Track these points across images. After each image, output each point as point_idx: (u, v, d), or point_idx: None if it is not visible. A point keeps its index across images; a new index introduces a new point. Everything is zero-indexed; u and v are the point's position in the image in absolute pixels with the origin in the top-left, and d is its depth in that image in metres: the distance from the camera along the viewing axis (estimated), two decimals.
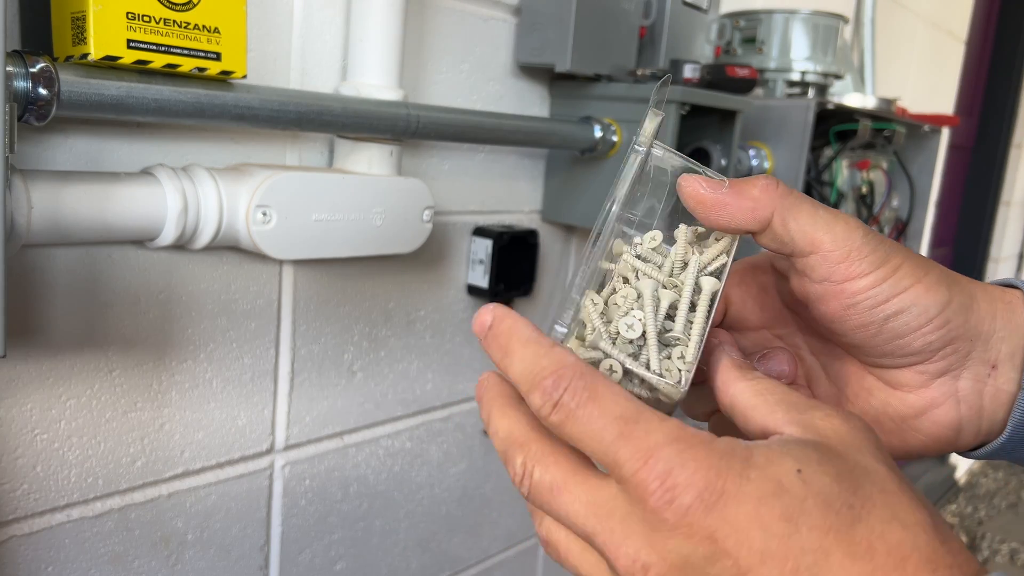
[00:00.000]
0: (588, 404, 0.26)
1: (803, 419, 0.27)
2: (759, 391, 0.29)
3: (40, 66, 0.46)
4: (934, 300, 0.31)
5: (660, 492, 0.24)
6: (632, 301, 0.31)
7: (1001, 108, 2.68)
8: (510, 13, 0.84)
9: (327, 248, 0.63)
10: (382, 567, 0.88)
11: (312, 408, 0.76)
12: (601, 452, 0.26)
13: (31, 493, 0.58)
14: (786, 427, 0.27)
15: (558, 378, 0.26)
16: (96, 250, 0.58)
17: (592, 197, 0.88)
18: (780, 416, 0.27)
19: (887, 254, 0.31)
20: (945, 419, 0.33)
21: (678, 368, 0.31)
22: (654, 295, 0.31)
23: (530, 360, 0.28)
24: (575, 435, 0.26)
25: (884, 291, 0.31)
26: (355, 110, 0.63)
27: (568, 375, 0.27)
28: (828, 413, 0.27)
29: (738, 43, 1.11)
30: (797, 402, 0.28)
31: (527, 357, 0.28)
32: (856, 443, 0.26)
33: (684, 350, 0.31)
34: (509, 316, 0.29)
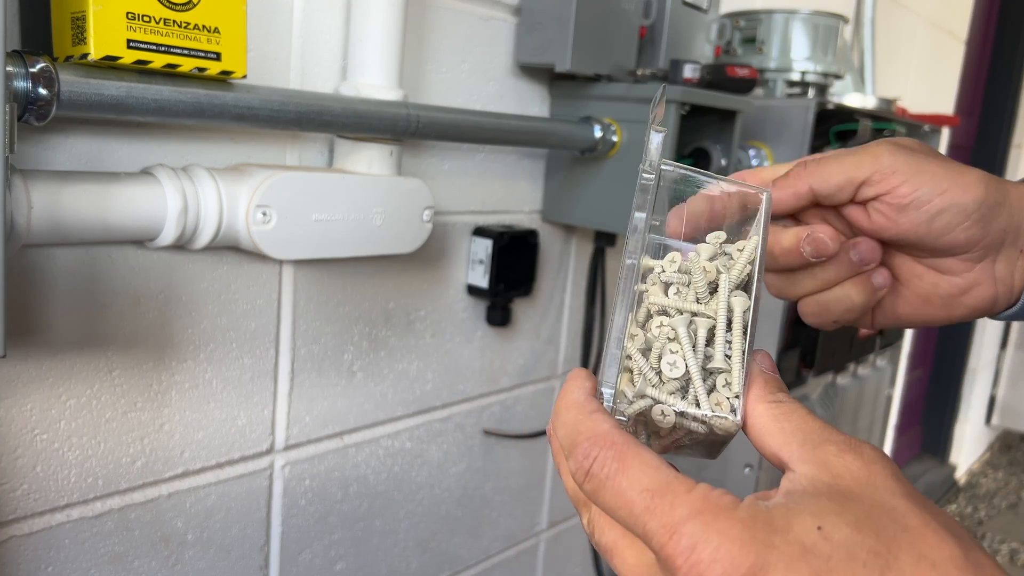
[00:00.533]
0: (616, 476, 0.27)
1: (816, 456, 0.27)
2: (777, 416, 0.29)
3: (40, 66, 0.46)
4: (970, 199, 0.37)
5: (687, 568, 0.24)
6: (667, 334, 0.32)
7: (1001, 108, 2.68)
8: (510, 13, 0.84)
9: (327, 248, 0.63)
10: (382, 567, 0.88)
11: (312, 408, 0.76)
12: (631, 524, 0.27)
13: (31, 493, 0.58)
14: (799, 465, 0.27)
15: (590, 447, 0.28)
16: (96, 250, 0.58)
17: (592, 197, 0.88)
18: (794, 450, 0.28)
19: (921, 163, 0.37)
20: (985, 295, 0.40)
21: (727, 399, 0.31)
22: (689, 331, 0.32)
23: (570, 425, 0.29)
24: (606, 505, 0.27)
25: (924, 193, 0.36)
26: (355, 110, 0.63)
27: (599, 444, 0.28)
28: (841, 448, 0.27)
29: (738, 43, 1.11)
30: (811, 434, 0.28)
31: (568, 422, 0.30)
32: (871, 480, 0.26)
33: (728, 377, 0.31)
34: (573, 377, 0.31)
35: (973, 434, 3.08)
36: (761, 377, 0.31)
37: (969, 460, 3.12)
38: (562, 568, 1.16)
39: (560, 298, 1.01)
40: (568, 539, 1.15)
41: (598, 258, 0.99)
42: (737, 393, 0.31)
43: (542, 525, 1.10)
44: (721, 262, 0.33)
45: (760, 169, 0.39)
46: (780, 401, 0.30)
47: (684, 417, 0.31)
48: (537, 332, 0.99)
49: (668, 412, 0.31)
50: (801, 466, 0.27)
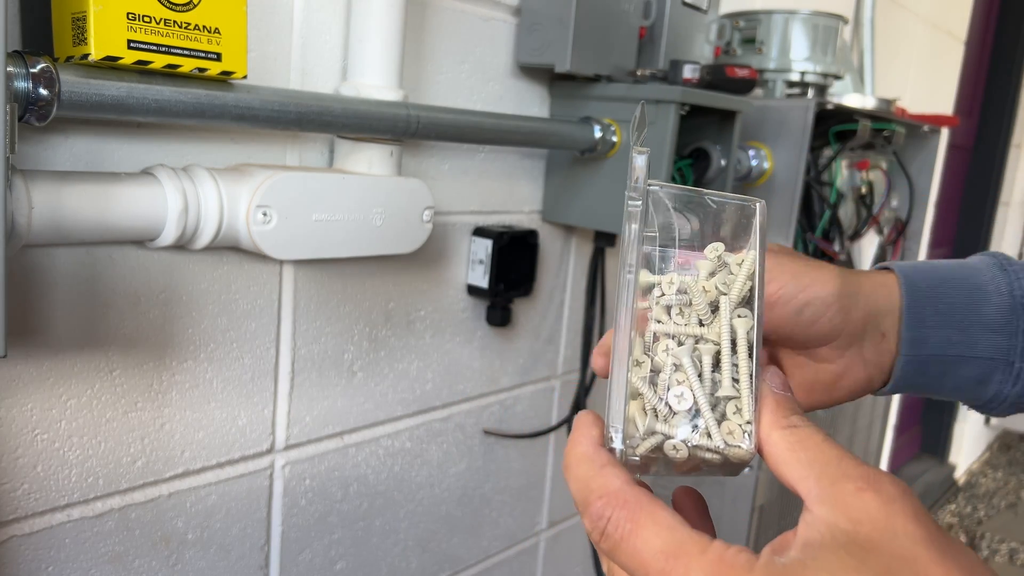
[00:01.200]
0: (630, 537, 0.27)
1: (835, 494, 0.26)
2: (792, 445, 0.29)
3: (41, 66, 0.47)
4: (829, 291, 0.39)
5: None
6: (673, 370, 0.31)
7: (1000, 108, 2.68)
8: (510, 13, 0.84)
9: (327, 248, 0.63)
10: (382, 567, 0.88)
11: (312, 408, 0.76)
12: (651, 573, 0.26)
13: (31, 493, 0.58)
14: (817, 505, 0.26)
15: (603, 506, 0.28)
16: (97, 250, 0.58)
17: (592, 197, 0.88)
18: (812, 486, 0.27)
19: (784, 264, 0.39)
20: (859, 378, 0.43)
21: (739, 426, 0.30)
22: (694, 359, 0.31)
23: (581, 481, 0.29)
24: (622, 564, 0.27)
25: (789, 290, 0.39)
26: (355, 110, 0.63)
27: (612, 504, 0.28)
28: (859, 486, 0.26)
29: (738, 43, 1.11)
30: (828, 467, 0.27)
31: (580, 477, 0.29)
32: (891, 525, 0.25)
33: (738, 403, 0.30)
34: (579, 424, 0.31)
35: (972, 434, 3.08)
36: (773, 399, 0.31)
37: (968, 460, 3.12)
38: (562, 568, 1.16)
39: (560, 298, 1.01)
40: (568, 539, 1.15)
41: (598, 258, 0.99)
42: (748, 420, 0.30)
43: (542, 525, 1.10)
44: (720, 278, 0.32)
45: None
46: (795, 426, 0.29)
47: (698, 449, 0.30)
48: (537, 332, 0.99)
49: (680, 447, 0.30)
50: (819, 507, 0.26)
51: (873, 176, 1.21)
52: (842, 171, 1.12)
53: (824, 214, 1.07)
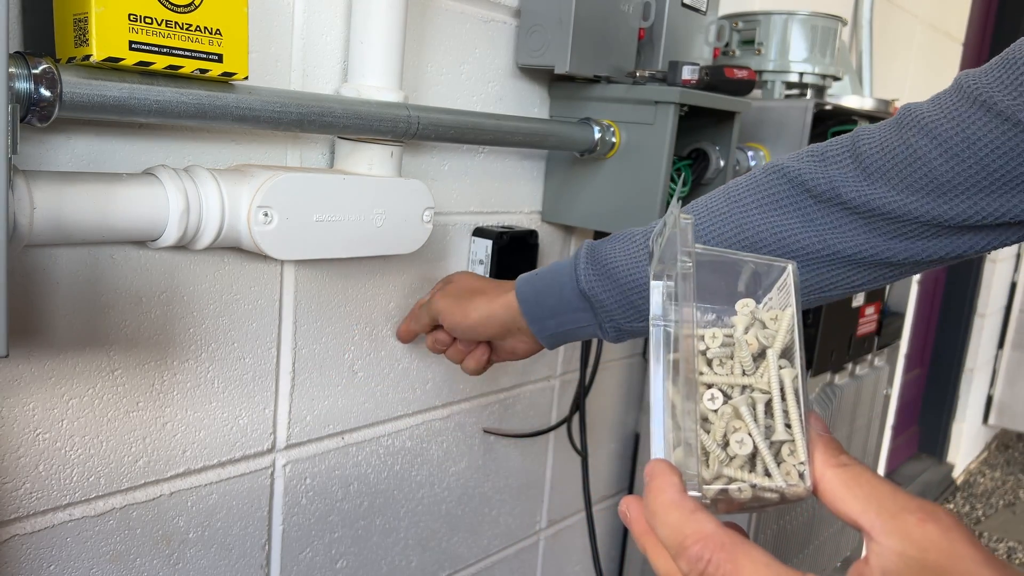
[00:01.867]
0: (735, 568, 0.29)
1: (898, 527, 0.29)
2: (847, 482, 0.31)
3: (42, 67, 0.47)
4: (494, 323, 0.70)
5: None
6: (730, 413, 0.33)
7: None
8: (510, 15, 0.84)
9: (328, 248, 0.63)
10: (383, 565, 0.88)
11: (313, 407, 0.76)
12: None
13: (33, 492, 0.58)
14: (884, 537, 0.29)
15: (701, 549, 0.30)
16: (98, 250, 0.58)
17: (591, 198, 0.89)
18: (874, 520, 0.29)
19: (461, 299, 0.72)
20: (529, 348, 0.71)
21: (794, 467, 0.33)
22: (750, 408, 0.33)
23: (675, 527, 0.31)
24: None
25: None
26: (356, 111, 0.63)
27: (711, 547, 0.30)
28: (920, 518, 0.29)
29: (736, 44, 1.12)
30: (886, 500, 0.30)
31: (672, 523, 0.31)
32: (955, 550, 0.28)
33: (792, 446, 0.33)
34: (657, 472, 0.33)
35: (970, 433, 3.09)
36: (821, 441, 0.33)
37: (966, 459, 3.13)
38: (562, 566, 1.16)
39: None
40: (568, 537, 1.15)
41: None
42: (803, 460, 0.33)
43: (542, 523, 1.10)
44: (755, 331, 0.35)
45: None
46: (846, 464, 0.32)
47: (760, 490, 0.33)
48: None
49: (745, 489, 0.33)
50: (886, 539, 0.29)
51: None
52: None
53: None
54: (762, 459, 0.33)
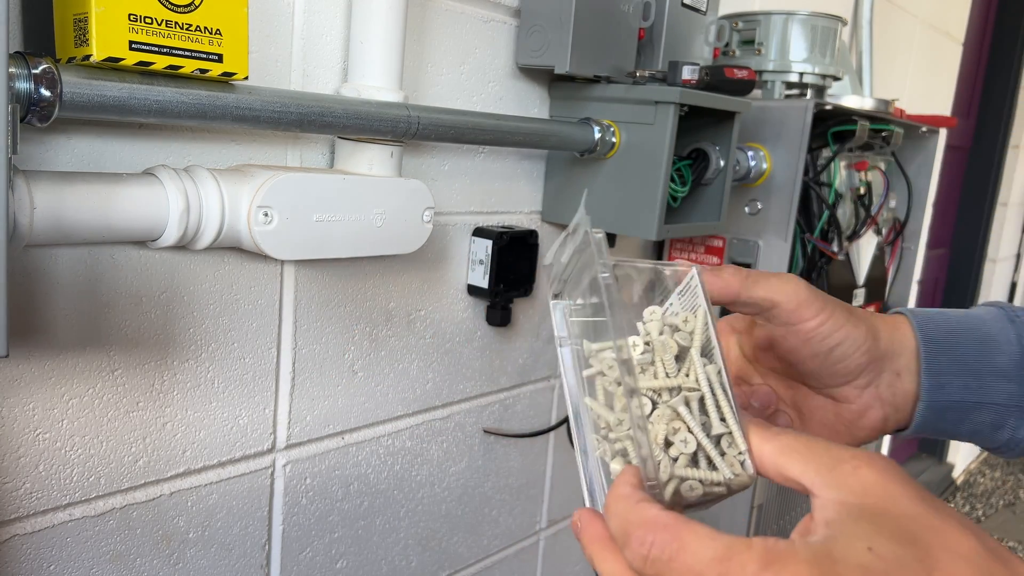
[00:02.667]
0: (679, 554, 0.28)
1: (836, 479, 0.30)
2: (783, 450, 0.32)
3: (42, 67, 0.47)
4: (860, 334, 0.43)
5: None
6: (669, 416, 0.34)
7: (998, 109, 2.68)
8: (510, 15, 0.84)
9: (328, 248, 0.63)
10: (383, 565, 0.88)
11: (313, 407, 0.76)
12: None
13: (33, 492, 0.58)
14: (824, 490, 0.30)
15: (644, 533, 0.29)
16: (98, 250, 0.58)
17: (591, 198, 0.88)
18: (813, 477, 0.30)
19: (824, 303, 0.42)
20: (876, 416, 0.46)
21: (736, 458, 0.34)
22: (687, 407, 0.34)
23: (620, 516, 0.31)
24: None
25: (828, 328, 0.42)
26: (356, 111, 0.63)
27: (653, 529, 0.29)
28: (855, 465, 0.30)
29: (736, 44, 1.12)
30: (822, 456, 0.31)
31: (619, 513, 0.31)
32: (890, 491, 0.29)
33: (730, 438, 0.34)
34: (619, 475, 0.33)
35: None
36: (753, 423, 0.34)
37: (967, 460, 3.13)
38: (561, 566, 1.16)
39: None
40: (567, 538, 1.15)
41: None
42: (742, 450, 0.33)
43: (542, 523, 1.10)
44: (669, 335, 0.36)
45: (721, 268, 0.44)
46: (778, 435, 0.33)
47: (709, 484, 0.34)
48: (537, 332, 0.99)
49: (696, 486, 0.34)
50: (826, 491, 0.29)
51: (871, 177, 1.21)
52: (840, 172, 1.13)
53: (822, 215, 1.07)
54: (705, 454, 0.34)
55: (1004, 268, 2.99)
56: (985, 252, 2.83)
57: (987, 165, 2.73)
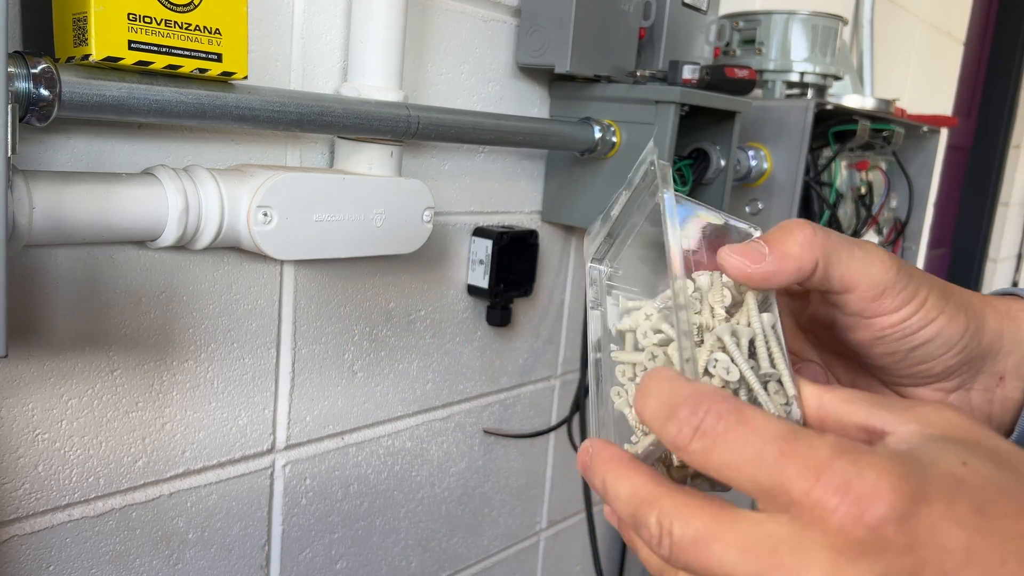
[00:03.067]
0: (738, 426, 0.24)
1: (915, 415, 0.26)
2: (848, 398, 0.28)
3: (41, 67, 0.47)
4: (956, 329, 0.33)
5: (844, 507, 0.22)
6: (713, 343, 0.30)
7: (999, 109, 2.68)
8: (510, 14, 0.84)
9: (328, 248, 0.63)
10: (383, 566, 0.88)
11: (313, 407, 0.76)
12: (761, 476, 0.24)
13: (33, 493, 0.58)
14: (901, 426, 0.26)
15: (697, 403, 0.25)
16: (98, 250, 0.58)
17: (592, 198, 0.88)
18: (886, 416, 0.26)
19: (916, 289, 0.32)
20: None
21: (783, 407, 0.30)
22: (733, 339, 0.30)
23: (668, 392, 0.26)
24: (723, 462, 0.24)
25: (913, 324, 0.33)
26: (356, 111, 0.63)
27: (709, 398, 0.25)
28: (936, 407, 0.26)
29: (737, 44, 1.12)
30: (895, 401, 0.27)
31: (664, 391, 0.26)
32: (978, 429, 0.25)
33: (779, 385, 0.30)
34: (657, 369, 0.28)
35: None
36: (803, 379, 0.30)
37: None
38: (562, 567, 1.16)
39: (560, 298, 1.01)
40: (568, 538, 1.15)
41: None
42: (790, 397, 0.29)
43: (542, 524, 1.10)
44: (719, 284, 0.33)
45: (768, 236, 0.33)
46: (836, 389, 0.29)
47: None
48: (537, 332, 0.99)
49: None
50: (904, 426, 0.26)
51: (872, 176, 1.21)
52: (841, 171, 1.12)
53: (823, 214, 1.07)
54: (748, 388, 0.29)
55: (1005, 268, 2.99)
56: (986, 252, 2.83)
57: (988, 165, 2.73)
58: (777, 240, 0.32)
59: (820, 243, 0.31)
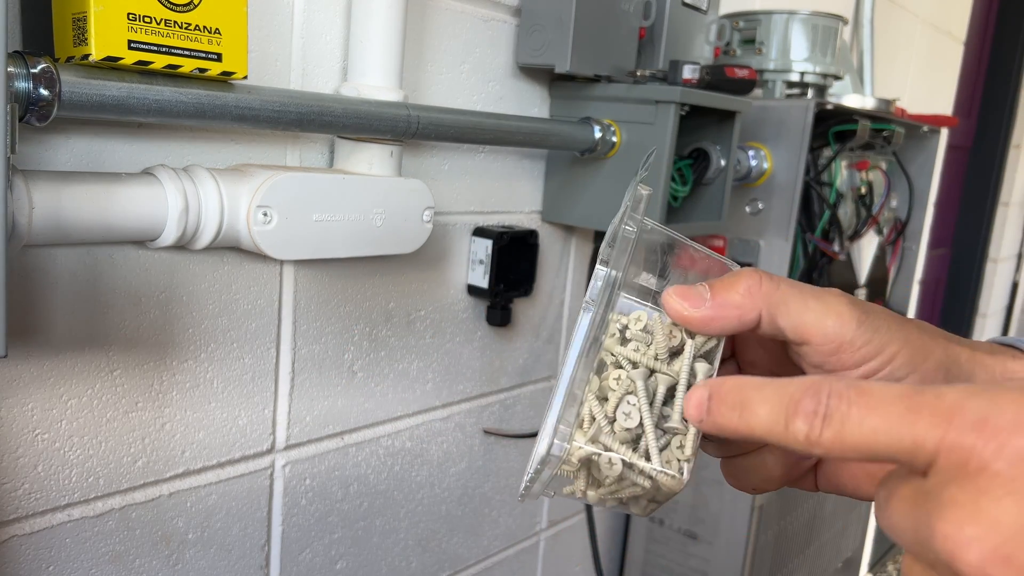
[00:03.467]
0: (860, 399, 0.23)
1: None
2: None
3: (41, 67, 0.47)
4: (941, 377, 0.32)
5: (982, 443, 0.21)
6: (626, 386, 0.31)
7: (1000, 109, 2.68)
8: (510, 14, 0.84)
9: (328, 248, 0.63)
10: (382, 566, 0.88)
11: (312, 408, 0.76)
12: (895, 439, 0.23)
13: (32, 493, 0.58)
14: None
15: (817, 391, 0.24)
16: (97, 250, 0.58)
17: (592, 198, 0.88)
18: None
19: (881, 345, 0.30)
20: None
21: (678, 460, 0.30)
22: (648, 385, 0.31)
23: (776, 394, 0.25)
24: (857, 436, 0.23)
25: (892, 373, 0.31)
26: (356, 111, 0.63)
27: (825, 384, 0.24)
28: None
29: (737, 44, 1.11)
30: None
31: (771, 395, 0.26)
32: None
33: (683, 439, 0.30)
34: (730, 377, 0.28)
35: None
36: None
37: None
38: (562, 567, 1.16)
39: (560, 298, 1.01)
40: (568, 538, 1.15)
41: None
42: (689, 457, 0.30)
43: (542, 524, 1.10)
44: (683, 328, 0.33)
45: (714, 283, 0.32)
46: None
47: (631, 470, 0.31)
48: (537, 332, 0.99)
49: (616, 461, 0.30)
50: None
51: (872, 176, 1.21)
52: (841, 171, 1.12)
53: (823, 214, 1.07)
54: (645, 440, 0.30)
55: (1006, 268, 2.99)
56: (987, 252, 2.82)
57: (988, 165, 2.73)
58: (720, 287, 0.31)
59: (765, 294, 0.31)
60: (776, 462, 0.34)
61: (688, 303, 0.31)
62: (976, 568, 0.21)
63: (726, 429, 0.27)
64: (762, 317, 0.31)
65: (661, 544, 1.18)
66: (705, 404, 0.28)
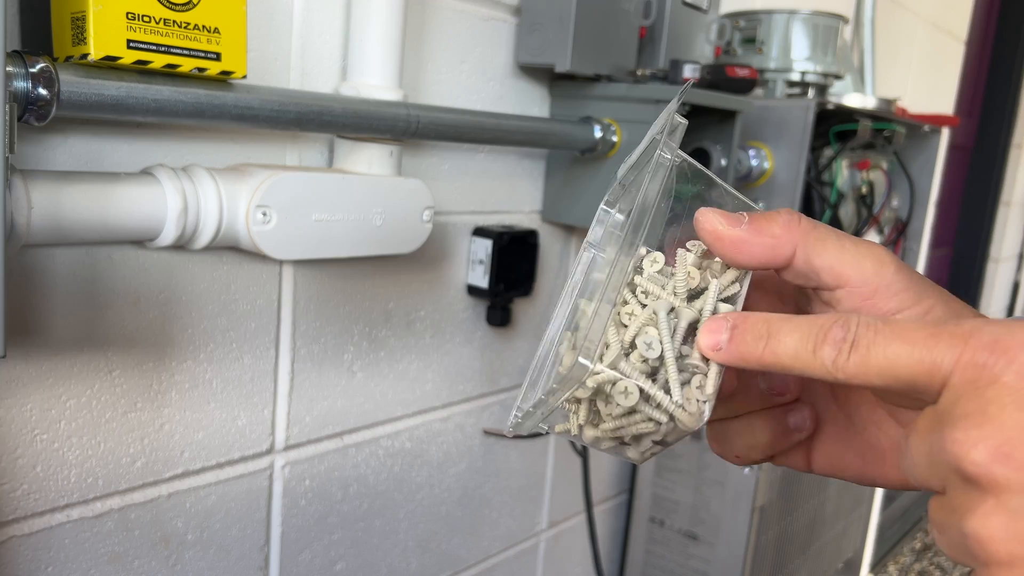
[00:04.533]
0: (887, 328, 0.25)
1: None
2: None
3: (40, 66, 0.46)
4: None
5: (994, 360, 0.22)
6: (647, 317, 0.29)
7: (1001, 108, 2.68)
8: (510, 13, 0.84)
9: (327, 248, 0.63)
10: (382, 567, 0.88)
11: (312, 408, 0.76)
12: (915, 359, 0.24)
13: (31, 493, 0.58)
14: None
15: (847, 320, 0.25)
16: (96, 250, 0.58)
17: (592, 197, 0.88)
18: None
19: (919, 295, 0.29)
20: None
21: (696, 399, 0.29)
22: (669, 315, 0.29)
23: (805, 323, 0.26)
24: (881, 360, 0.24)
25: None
26: (355, 110, 0.63)
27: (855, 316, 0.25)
28: None
29: (738, 43, 1.11)
30: None
31: (800, 324, 0.26)
32: None
33: (703, 380, 0.29)
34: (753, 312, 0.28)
35: None
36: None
37: None
38: (562, 568, 1.16)
39: (560, 298, 1.01)
40: (568, 539, 1.15)
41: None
42: (709, 396, 0.28)
43: (542, 525, 1.10)
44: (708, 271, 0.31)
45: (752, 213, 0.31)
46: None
47: (647, 403, 0.29)
48: (537, 332, 0.99)
49: (633, 390, 0.28)
50: None
51: (874, 176, 1.21)
52: (843, 171, 1.12)
53: (825, 214, 1.07)
54: (666, 372, 0.28)
55: (1007, 268, 2.98)
56: (988, 252, 2.82)
57: (990, 164, 2.73)
58: (758, 216, 0.30)
59: (804, 231, 0.30)
60: (764, 427, 0.33)
61: (725, 220, 0.30)
62: (982, 466, 0.22)
63: (748, 359, 0.27)
64: (796, 255, 0.30)
65: (661, 545, 1.18)
66: (725, 333, 0.28)
